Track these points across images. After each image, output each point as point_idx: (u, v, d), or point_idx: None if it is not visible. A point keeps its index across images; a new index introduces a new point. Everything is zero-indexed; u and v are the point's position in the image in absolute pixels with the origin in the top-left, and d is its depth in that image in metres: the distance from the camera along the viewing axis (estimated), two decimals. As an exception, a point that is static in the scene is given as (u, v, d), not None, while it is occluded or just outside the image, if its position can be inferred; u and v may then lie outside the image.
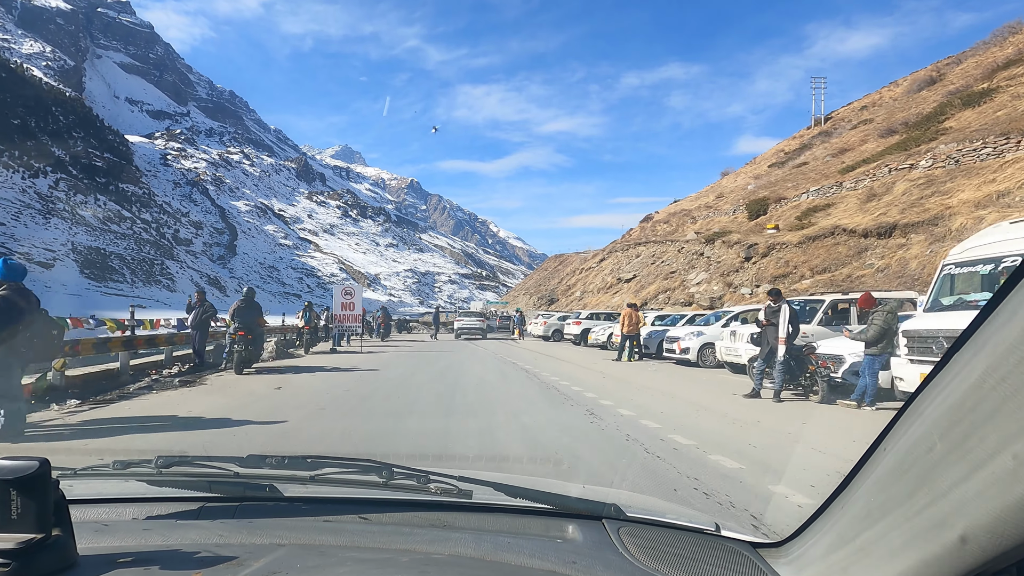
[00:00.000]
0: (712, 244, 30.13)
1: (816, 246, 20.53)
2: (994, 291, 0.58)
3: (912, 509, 0.62)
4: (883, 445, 0.73)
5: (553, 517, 1.14)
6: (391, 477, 1.14)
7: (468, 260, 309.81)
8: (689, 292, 25.70)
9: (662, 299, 30.14)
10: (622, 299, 37.08)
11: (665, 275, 33.06)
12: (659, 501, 1.70)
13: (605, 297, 40.33)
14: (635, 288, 35.77)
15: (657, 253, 38.59)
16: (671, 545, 1.03)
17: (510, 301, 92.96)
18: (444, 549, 0.95)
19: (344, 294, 16.21)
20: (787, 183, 35.78)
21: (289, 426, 5.83)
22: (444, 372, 11.58)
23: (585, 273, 56.19)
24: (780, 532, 1.31)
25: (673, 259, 34.52)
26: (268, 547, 0.89)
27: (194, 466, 1.18)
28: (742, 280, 22.59)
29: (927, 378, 0.66)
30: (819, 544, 0.83)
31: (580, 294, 49.58)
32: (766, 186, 39.99)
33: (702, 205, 52.05)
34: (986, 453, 0.53)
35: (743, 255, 23.37)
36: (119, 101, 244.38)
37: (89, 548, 0.82)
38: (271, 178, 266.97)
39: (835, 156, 36.61)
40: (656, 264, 36.57)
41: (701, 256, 30.79)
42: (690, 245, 33.58)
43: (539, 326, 26.44)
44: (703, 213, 47.02)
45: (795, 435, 5.87)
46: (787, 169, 43.48)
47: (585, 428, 5.90)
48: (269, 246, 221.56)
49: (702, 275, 26.72)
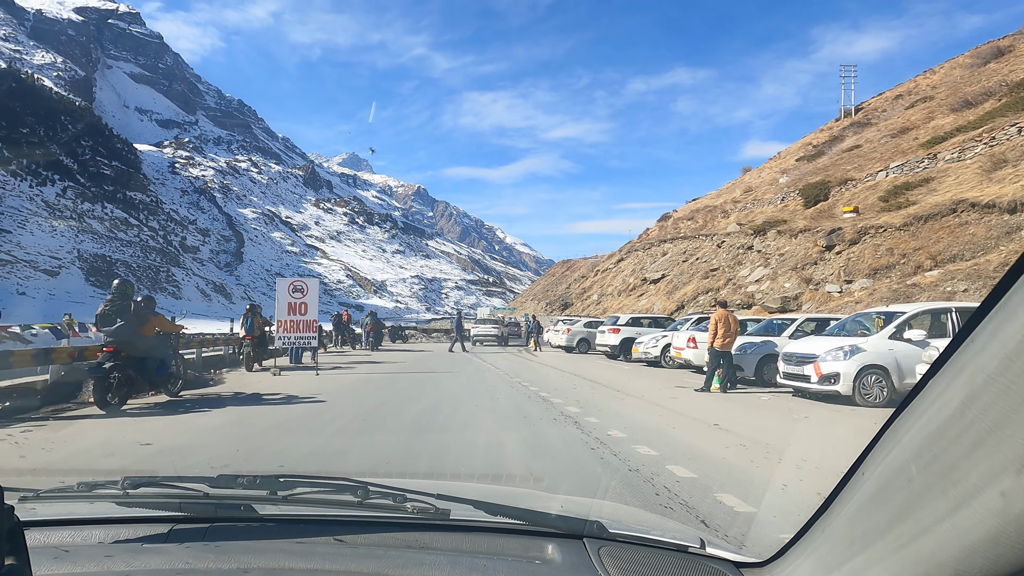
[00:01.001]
0: (763, 235, 24.81)
1: (933, 228, 15.21)
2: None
3: (896, 542, 0.60)
4: (862, 469, 0.70)
5: (533, 536, 1.09)
6: (366, 496, 1.08)
7: (475, 266, 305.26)
8: (746, 292, 20.38)
9: (704, 301, 24.82)
10: (650, 301, 31.73)
11: (704, 273, 27.73)
12: (644, 514, 1.60)
13: (629, 300, 35.02)
14: (666, 289, 30.44)
15: (689, 250, 33.25)
16: (653, 566, 0.99)
17: (517, 307, 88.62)
18: (417, 572, 0.91)
19: (292, 291, 10.84)
20: (843, 167, 30.50)
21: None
22: (419, 423, 6.20)
23: (602, 275, 50.87)
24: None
25: (712, 255, 29.17)
26: (236, 572, 0.86)
27: (163, 487, 1.12)
28: (824, 274, 17.29)
29: (903, 402, 0.64)
30: (802, 568, 0.80)
31: (598, 297, 44.27)
32: (813, 172, 34.74)
33: (728, 200, 46.63)
34: (970, 489, 0.50)
35: (822, 244, 18.06)
36: (129, 111, 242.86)
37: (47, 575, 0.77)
38: (278, 185, 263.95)
39: (896, 136, 31.26)
40: (690, 262, 31.23)
41: (750, 250, 25.46)
42: (733, 238, 28.25)
43: (560, 335, 21.18)
44: (733, 207, 41.68)
45: None
46: (832, 156, 38.18)
47: None
48: (276, 253, 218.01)
49: (759, 271, 21.41)
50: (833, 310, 15.15)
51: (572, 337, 20.51)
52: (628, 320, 16.87)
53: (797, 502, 3.36)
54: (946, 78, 43.71)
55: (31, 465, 4.69)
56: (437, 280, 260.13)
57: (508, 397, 8.26)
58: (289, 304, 10.81)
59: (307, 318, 10.94)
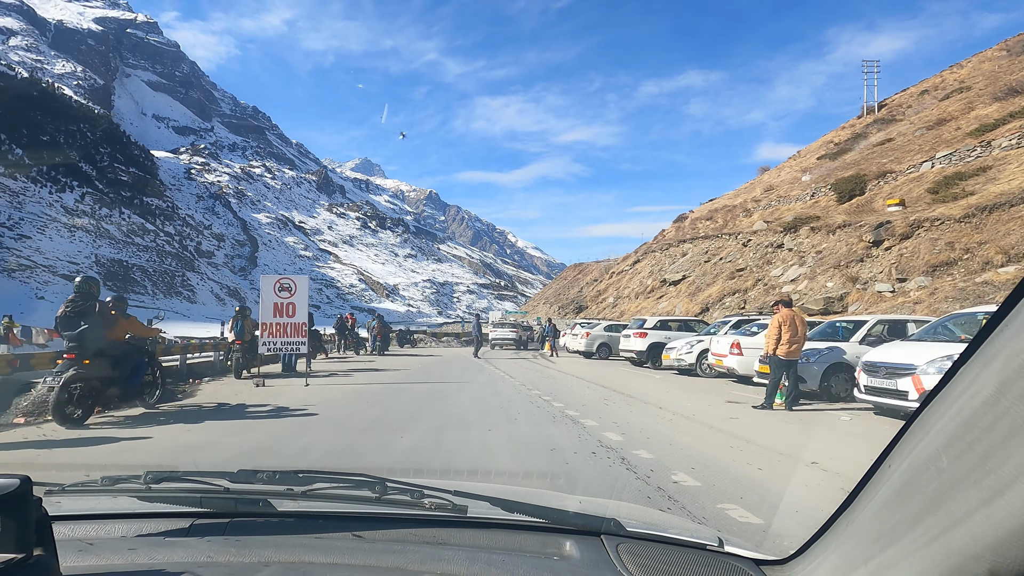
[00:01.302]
0: (794, 232, 23.06)
1: (1001, 219, 13.45)
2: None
3: (927, 535, 0.58)
4: (888, 461, 0.68)
5: (550, 533, 1.09)
6: (384, 492, 1.09)
7: (486, 270, 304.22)
8: (781, 293, 18.65)
9: (732, 303, 23.10)
10: (671, 303, 30.02)
11: (729, 274, 25.99)
12: (660, 514, 1.59)
13: (647, 302, 33.32)
14: (688, 291, 28.71)
15: (711, 249, 31.51)
16: (672, 563, 0.98)
17: (529, 311, 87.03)
18: (436, 568, 0.91)
19: (278, 290, 9.36)
20: (876, 160, 28.62)
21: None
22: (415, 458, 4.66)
23: (617, 277, 49.17)
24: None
25: (737, 254, 27.42)
26: (255, 566, 0.87)
27: (184, 481, 1.13)
28: (872, 272, 15.55)
29: (932, 390, 0.62)
30: (825, 564, 0.79)
31: (614, 300, 42.58)
32: (841, 168, 32.87)
33: (747, 200, 44.75)
34: (1005, 478, 0.49)
35: (868, 239, 16.31)
36: (146, 118, 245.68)
37: (73, 568, 0.78)
38: (292, 191, 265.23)
39: (933, 128, 29.31)
40: (713, 262, 29.49)
41: (779, 248, 23.71)
42: (760, 237, 26.49)
43: (578, 339, 19.54)
44: (755, 206, 39.86)
45: None
46: (861, 152, 36.25)
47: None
48: (289, 257, 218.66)
49: (795, 270, 19.68)
50: (887, 311, 13.45)
51: (592, 342, 18.88)
52: (656, 323, 15.16)
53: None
54: (975, 71, 41.86)
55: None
56: (449, 284, 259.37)
57: (528, 417, 6.72)
58: (275, 305, 9.31)
59: (295, 320, 9.44)
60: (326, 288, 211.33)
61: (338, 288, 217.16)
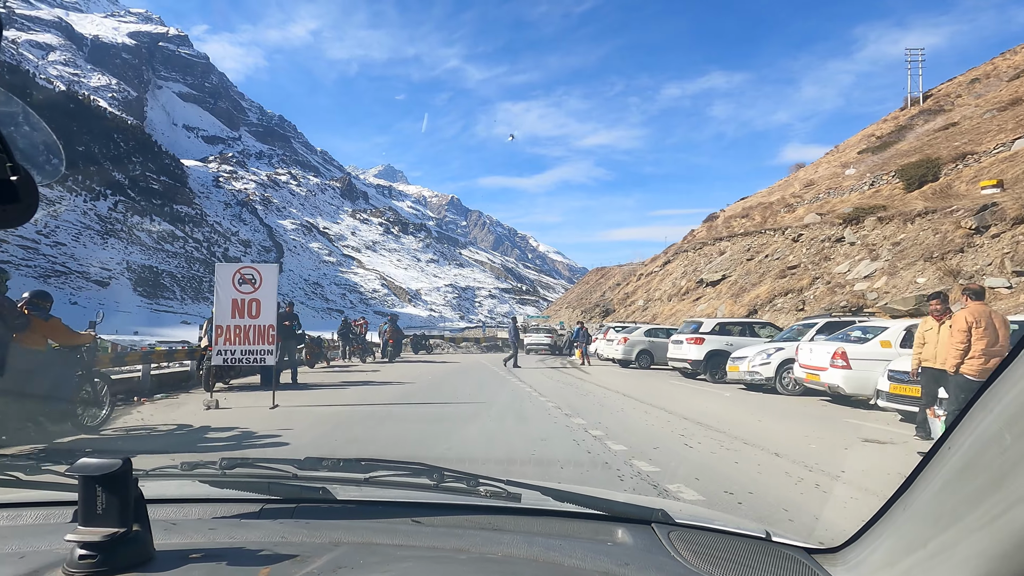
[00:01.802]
0: (856, 224, 20.17)
1: None
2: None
3: (990, 513, 0.57)
4: (948, 443, 0.67)
5: (600, 521, 1.12)
6: (441, 480, 1.14)
7: (508, 275, 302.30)
8: (852, 291, 15.86)
9: (785, 304, 20.27)
10: (710, 306, 27.19)
11: (779, 272, 23.11)
12: (706, 511, 1.53)
13: (682, 305, 30.52)
14: (730, 291, 25.87)
15: (754, 247, 28.60)
16: (723, 550, 0.99)
17: (551, 315, 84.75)
18: (497, 550, 0.93)
19: (238, 282, 7.22)
20: (943, 145, 25.48)
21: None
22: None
23: (646, 279, 46.33)
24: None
25: (786, 251, 24.52)
26: (327, 546, 0.90)
27: (255, 468, 1.20)
28: (979, 265, 12.70)
29: (997, 369, 0.61)
30: (881, 549, 0.77)
31: (644, 302, 39.78)
32: (896, 157, 29.72)
33: (786, 196, 41.58)
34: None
35: (969, 225, 13.46)
36: (177, 128, 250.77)
37: (161, 544, 0.83)
38: (316, 197, 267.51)
39: (1008, 108, 26.03)
40: (757, 260, 26.59)
41: (839, 242, 20.80)
42: (814, 230, 23.58)
43: (614, 345, 16.94)
44: (797, 201, 36.75)
45: None
46: (918, 139, 32.96)
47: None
48: (314, 263, 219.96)
49: (866, 265, 16.83)
50: (1008, 311, 10.65)
51: (631, 348, 16.28)
52: (715, 327, 12.42)
53: None
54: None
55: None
56: (471, 289, 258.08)
57: (578, 474, 4.30)
58: (234, 303, 7.07)
59: (259, 322, 7.16)
60: (349, 293, 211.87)
61: (361, 293, 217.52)
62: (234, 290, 7.15)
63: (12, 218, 0.48)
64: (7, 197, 0.46)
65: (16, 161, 0.47)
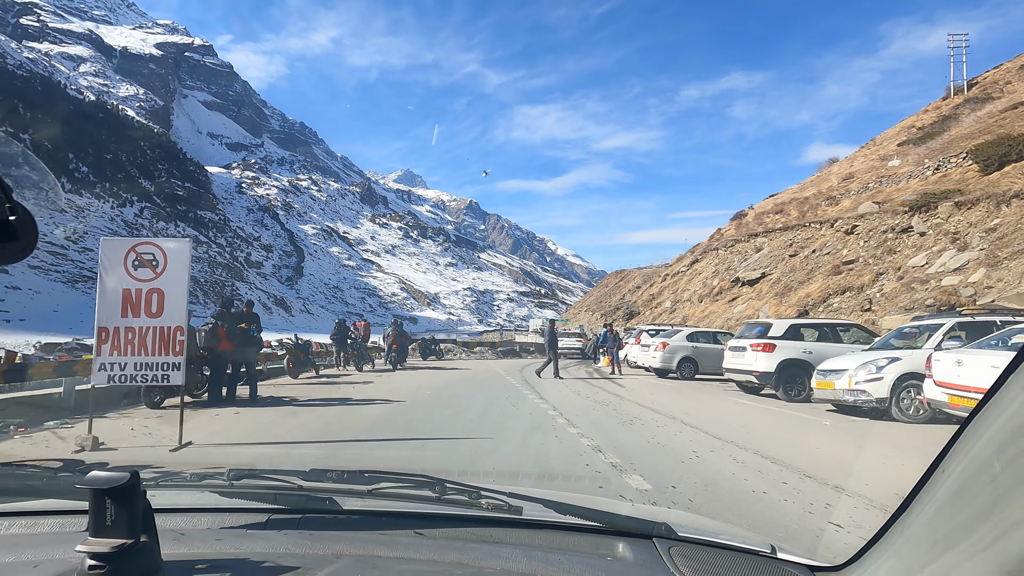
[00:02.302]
0: (928, 211, 17.33)
1: None
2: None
3: (984, 540, 0.56)
4: (942, 467, 0.67)
5: (603, 535, 1.10)
6: (444, 492, 1.16)
7: (526, 278, 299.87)
8: (939, 287, 13.11)
9: (842, 303, 17.52)
10: (750, 307, 24.40)
11: (832, 268, 20.30)
12: (712, 522, 1.58)
13: (716, 306, 27.76)
14: (773, 290, 23.08)
15: (798, 241, 25.74)
16: (725, 566, 0.97)
17: (571, 318, 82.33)
18: (496, 564, 0.94)
19: (132, 264, 4.96)
20: (1011, 126, 22.45)
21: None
22: None
23: (672, 280, 43.51)
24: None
25: (838, 244, 21.69)
26: (329, 558, 0.91)
27: (262, 479, 1.22)
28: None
29: (985, 395, 0.61)
30: (881, 570, 0.76)
31: (671, 304, 37.02)
32: (948, 143, 26.70)
33: (824, 190, 38.46)
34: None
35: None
36: (202, 136, 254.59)
37: (169, 554, 0.84)
38: (336, 202, 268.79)
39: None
40: (803, 255, 23.77)
41: (906, 232, 17.97)
42: (871, 221, 20.72)
43: (651, 352, 14.34)
44: (840, 193, 33.70)
45: None
46: (977, 123, 29.78)
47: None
48: (334, 267, 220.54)
49: (954, 256, 14.05)
50: None
51: (671, 355, 13.66)
52: (787, 330, 9.67)
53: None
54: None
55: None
56: (489, 292, 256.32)
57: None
58: (126, 295, 4.89)
59: (161, 323, 4.99)
60: (369, 297, 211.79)
61: (380, 297, 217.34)
62: (127, 276, 4.88)
63: (11, 255, 0.49)
64: (6, 236, 0.48)
65: (15, 201, 0.48)
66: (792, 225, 28.18)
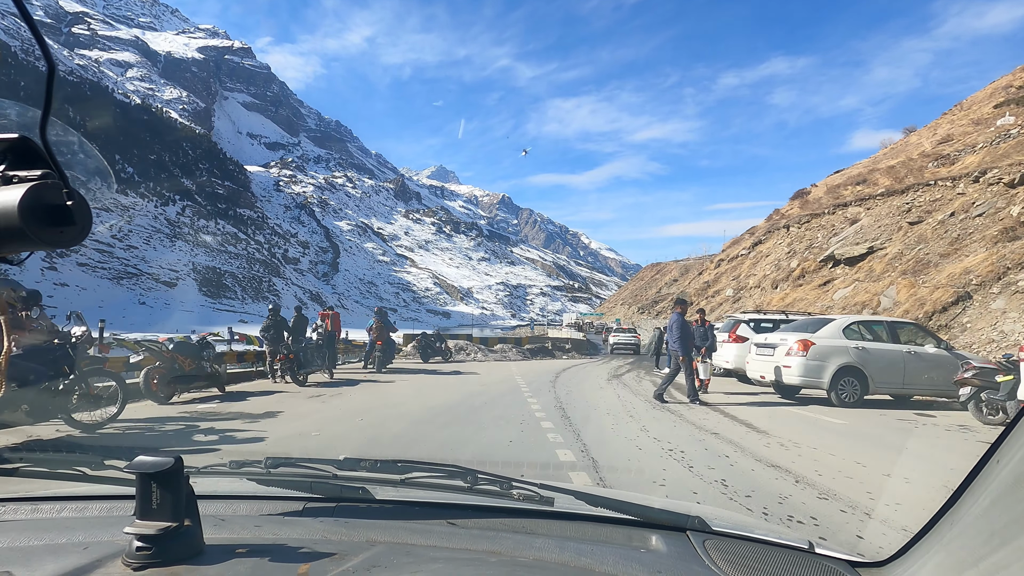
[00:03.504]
0: None
1: None
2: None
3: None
4: (996, 456, 0.64)
5: (635, 527, 1.09)
6: (475, 483, 1.14)
7: (560, 272, 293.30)
8: None
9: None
10: (858, 292, 18.23)
11: (999, 233, 14.04)
12: (746, 518, 1.52)
13: (801, 291, 21.58)
14: (898, 267, 16.86)
15: (920, 205, 19.32)
16: (761, 560, 0.94)
17: (605, 312, 76.98)
18: (529, 553, 0.93)
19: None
20: None
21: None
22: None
23: (729, 265, 37.09)
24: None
25: (999, 201, 15.32)
26: (365, 545, 0.92)
27: (298, 467, 1.23)
28: None
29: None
30: (929, 565, 0.73)
31: (733, 292, 30.72)
32: None
33: (917, 156, 31.20)
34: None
35: None
36: (241, 136, 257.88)
37: (210, 538, 0.86)
38: (371, 199, 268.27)
39: None
40: (936, 222, 17.41)
41: None
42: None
43: (777, 356, 8.61)
44: (955, 152, 26.79)
45: None
46: None
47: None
48: (368, 263, 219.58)
49: None
50: None
51: (820, 364, 7.82)
52: None
53: None
54: None
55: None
56: (522, 286, 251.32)
57: None
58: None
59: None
60: (403, 292, 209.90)
61: (414, 292, 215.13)
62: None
63: (68, 239, 0.52)
64: (65, 220, 0.50)
65: (71, 187, 0.51)
66: (901, 188, 21.62)
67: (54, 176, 0.50)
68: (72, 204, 0.50)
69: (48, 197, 0.49)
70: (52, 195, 0.49)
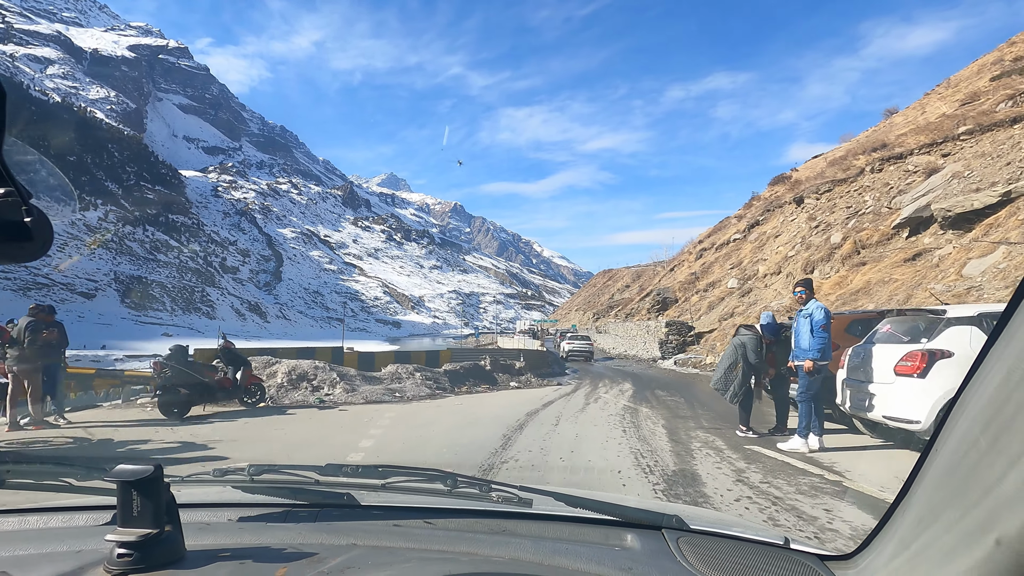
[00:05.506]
0: None
1: None
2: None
3: (960, 510, 0.57)
4: (935, 445, 0.66)
5: (612, 526, 1.10)
6: (455, 486, 1.14)
7: (513, 280, 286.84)
8: None
9: None
10: (1008, 260, 11.23)
11: None
12: (725, 516, 1.55)
13: (876, 272, 14.35)
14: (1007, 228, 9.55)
15: None
16: (733, 556, 0.96)
17: (559, 319, 71.12)
18: (504, 553, 0.94)
19: None
20: None
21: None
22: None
23: (722, 252, 29.97)
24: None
25: None
26: (344, 547, 0.94)
27: (281, 474, 1.23)
28: None
29: (970, 370, 0.61)
30: (883, 553, 0.76)
31: (738, 283, 23.42)
32: None
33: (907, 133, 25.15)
34: (1019, 450, 0.48)
35: None
36: (177, 139, 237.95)
37: (193, 544, 0.87)
38: (317, 205, 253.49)
39: None
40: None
41: None
42: None
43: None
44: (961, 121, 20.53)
45: None
46: None
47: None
48: (314, 271, 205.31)
49: None
50: None
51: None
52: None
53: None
54: None
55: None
56: (475, 294, 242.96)
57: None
58: None
59: None
60: (350, 301, 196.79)
61: (363, 301, 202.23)
62: None
63: (27, 254, 0.52)
64: (23, 236, 0.50)
65: (30, 204, 0.51)
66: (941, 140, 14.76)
67: (14, 193, 0.49)
68: (31, 220, 0.50)
69: (6, 213, 0.49)
70: (10, 212, 0.49)
